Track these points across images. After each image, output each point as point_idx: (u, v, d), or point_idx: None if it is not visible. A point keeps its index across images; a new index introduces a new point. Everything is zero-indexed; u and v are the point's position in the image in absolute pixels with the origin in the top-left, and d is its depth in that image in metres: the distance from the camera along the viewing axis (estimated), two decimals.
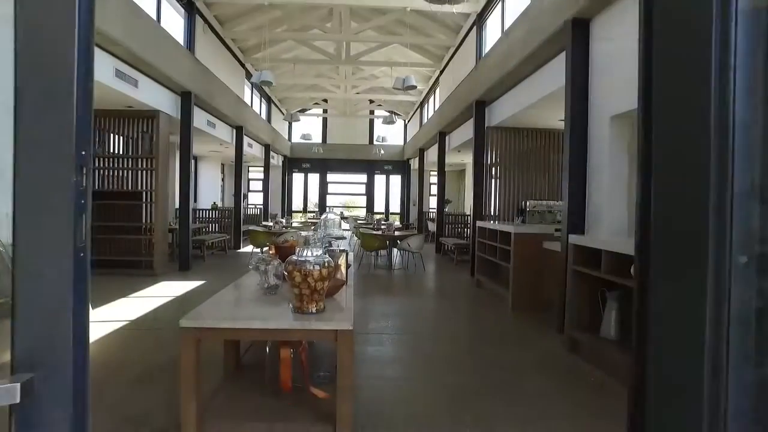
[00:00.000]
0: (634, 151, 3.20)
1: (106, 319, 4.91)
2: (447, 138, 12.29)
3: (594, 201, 4.65)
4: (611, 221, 4.42)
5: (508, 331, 5.12)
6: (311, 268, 2.42)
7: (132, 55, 6.12)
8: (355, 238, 12.44)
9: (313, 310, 2.49)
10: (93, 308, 5.16)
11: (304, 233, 4.13)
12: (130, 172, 8.00)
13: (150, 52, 6.42)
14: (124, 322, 4.79)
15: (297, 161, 20.68)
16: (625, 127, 4.38)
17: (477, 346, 4.47)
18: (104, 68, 5.88)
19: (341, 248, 3.53)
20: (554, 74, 6.09)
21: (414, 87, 8.50)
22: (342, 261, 3.36)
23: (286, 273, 2.49)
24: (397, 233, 9.37)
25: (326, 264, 2.48)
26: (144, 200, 7.81)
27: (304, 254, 2.48)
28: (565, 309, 4.39)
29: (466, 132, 10.48)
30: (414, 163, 18.62)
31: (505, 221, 8.66)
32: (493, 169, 8.79)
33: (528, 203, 8.32)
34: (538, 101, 6.81)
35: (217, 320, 2.31)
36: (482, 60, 8.44)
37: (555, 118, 7.88)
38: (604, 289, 3.96)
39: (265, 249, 3.92)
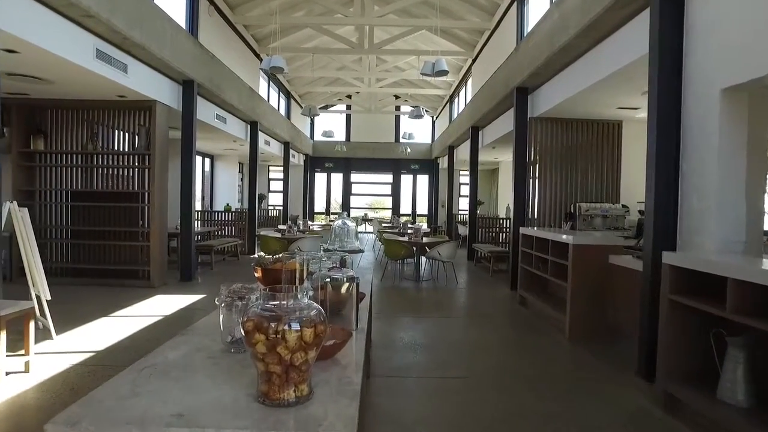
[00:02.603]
0: (759, 135, 1.93)
1: (68, 349, 4.00)
2: (480, 133, 11.13)
3: (692, 204, 3.48)
4: (722, 233, 3.24)
5: (570, 371, 3.99)
6: (285, 328, 1.38)
7: (116, 33, 5.23)
8: (380, 243, 11.43)
9: (291, 399, 1.45)
10: (56, 334, 4.26)
11: (302, 257, 3.11)
12: (124, 170, 7.16)
13: (139, 30, 5.53)
14: (87, 355, 3.86)
15: (319, 160, 19.78)
16: (744, 102, 3.20)
17: (533, 396, 3.37)
18: (80, 46, 4.99)
19: (348, 274, 2.48)
20: (620, 48, 4.92)
21: (446, 72, 7.41)
22: (350, 290, 2.31)
23: (243, 333, 1.46)
24: (425, 239, 8.29)
25: (314, 320, 1.43)
26: (141, 202, 6.96)
27: (273, 304, 1.44)
28: (657, 351, 3.23)
29: (503, 125, 9.32)
30: (443, 162, 17.47)
31: (551, 227, 7.49)
32: (536, 166, 7.61)
33: (580, 206, 7.16)
34: (595, 84, 5.65)
35: (108, 425, 1.30)
36: (524, 40, 7.28)
37: (613, 105, 6.68)
38: (721, 330, 2.80)
39: (278, 256, 2.93)
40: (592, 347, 4.53)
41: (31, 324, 3.45)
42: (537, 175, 7.60)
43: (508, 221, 11.30)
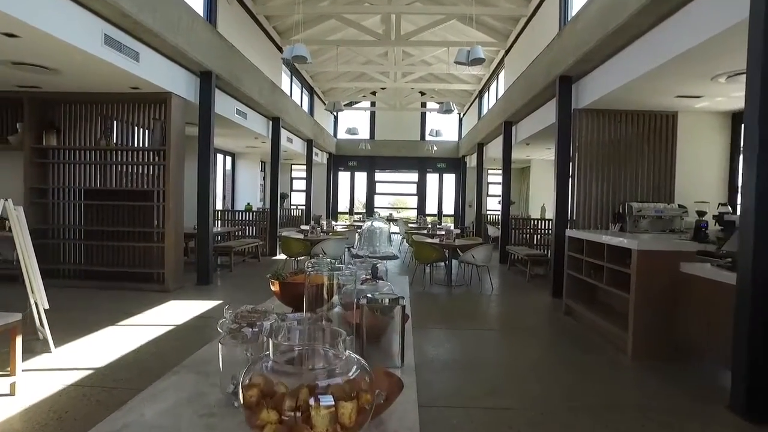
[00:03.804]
0: None
1: (64, 365, 3.56)
2: (513, 129, 10.46)
3: None
4: None
5: (641, 400, 3.35)
6: (310, 402, 0.84)
7: (126, 17, 4.81)
8: (406, 244, 10.87)
9: None
10: (57, 346, 3.84)
11: (331, 270, 2.57)
12: (138, 167, 6.77)
13: (151, 15, 5.10)
14: (84, 372, 3.41)
15: (343, 159, 19.32)
16: None
17: None
18: (86, 31, 4.58)
19: (386, 289, 1.92)
20: (693, 24, 4.25)
21: (482, 60, 6.81)
22: (393, 314, 1.76)
23: (241, 399, 0.94)
24: (457, 242, 7.69)
25: (357, 384, 0.89)
26: (155, 201, 6.55)
27: (291, 358, 0.91)
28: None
29: (540, 120, 8.66)
30: (470, 160, 16.79)
31: (597, 228, 6.82)
32: (580, 162, 6.93)
33: (631, 206, 6.47)
34: (655, 69, 4.97)
35: None
36: (570, 23, 6.62)
37: (671, 94, 5.97)
38: None
39: (301, 259, 2.40)
40: (661, 370, 3.88)
41: (18, 339, 3.01)
42: (581, 172, 6.93)
43: (543, 222, 10.60)
